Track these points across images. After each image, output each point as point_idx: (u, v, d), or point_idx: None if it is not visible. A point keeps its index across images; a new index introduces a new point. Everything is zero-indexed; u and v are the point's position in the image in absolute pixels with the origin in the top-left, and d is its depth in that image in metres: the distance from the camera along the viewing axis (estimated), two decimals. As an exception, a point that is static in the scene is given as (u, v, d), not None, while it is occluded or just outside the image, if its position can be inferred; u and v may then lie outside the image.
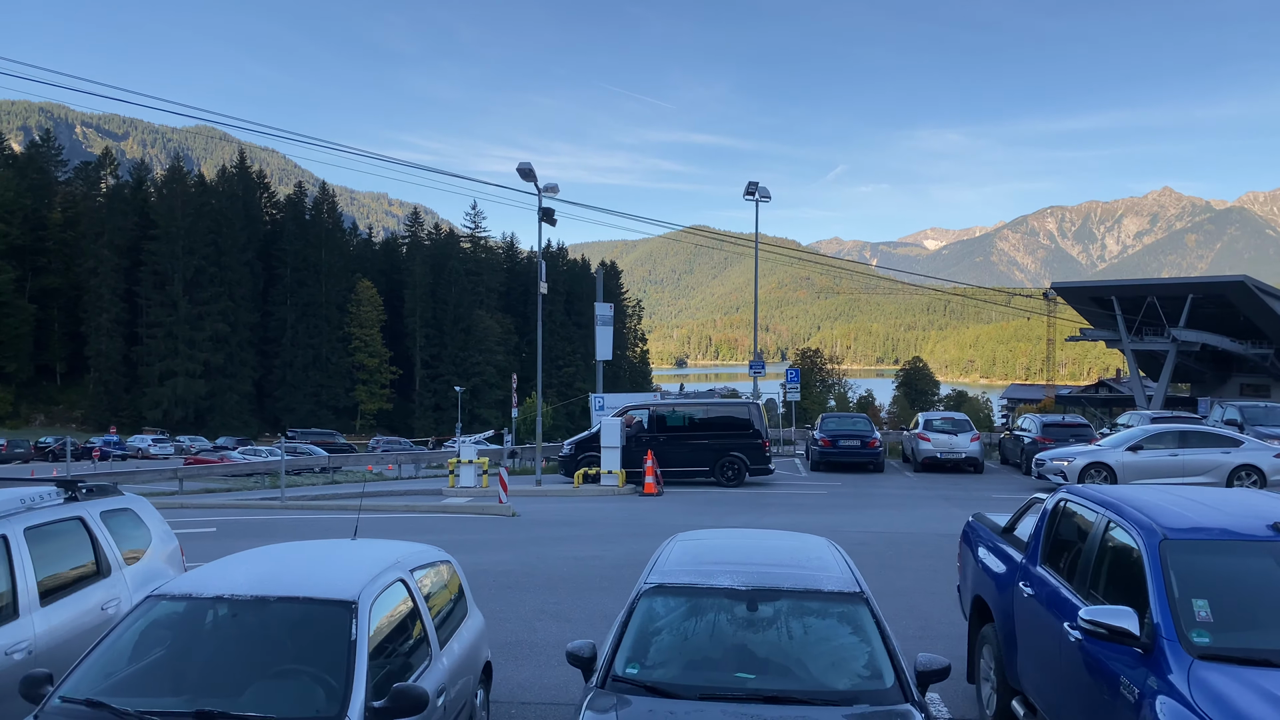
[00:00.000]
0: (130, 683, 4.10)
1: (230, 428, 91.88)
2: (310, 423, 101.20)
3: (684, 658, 4.45)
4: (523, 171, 23.50)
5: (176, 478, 27.56)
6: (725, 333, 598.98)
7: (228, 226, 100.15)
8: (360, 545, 5.50)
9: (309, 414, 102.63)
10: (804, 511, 18.48)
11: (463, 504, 20.63)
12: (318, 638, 4.25)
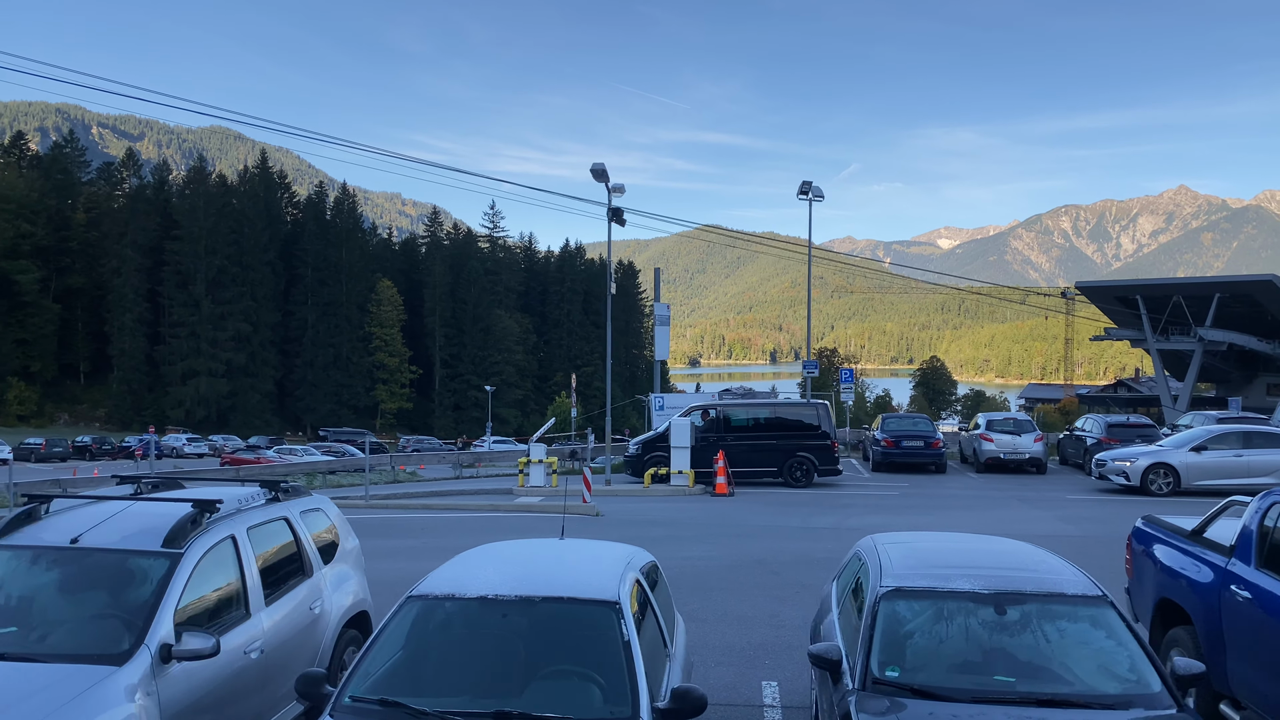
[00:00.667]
0: (414, 683, 4.15)
1: (252, 427, 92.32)
2: (331, 422, 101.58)
3: (941, 661, 4.47)
4: (596, 172, 23.81)
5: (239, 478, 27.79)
6: (738, 332, 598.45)
7: (249, 226, 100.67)
8: (580, 545, 5.54)
9: (329, 413, 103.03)
10: (889, 512, 18.44)
11: (536, 503, 20.72)
12: (588, 638, 4.30)
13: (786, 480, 23.60)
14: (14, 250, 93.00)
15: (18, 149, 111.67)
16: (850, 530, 15.93)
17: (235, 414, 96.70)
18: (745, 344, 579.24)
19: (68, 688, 4.19)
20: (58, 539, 5.16)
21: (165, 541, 5.12)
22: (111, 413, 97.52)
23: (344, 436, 62.95)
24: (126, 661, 4.47)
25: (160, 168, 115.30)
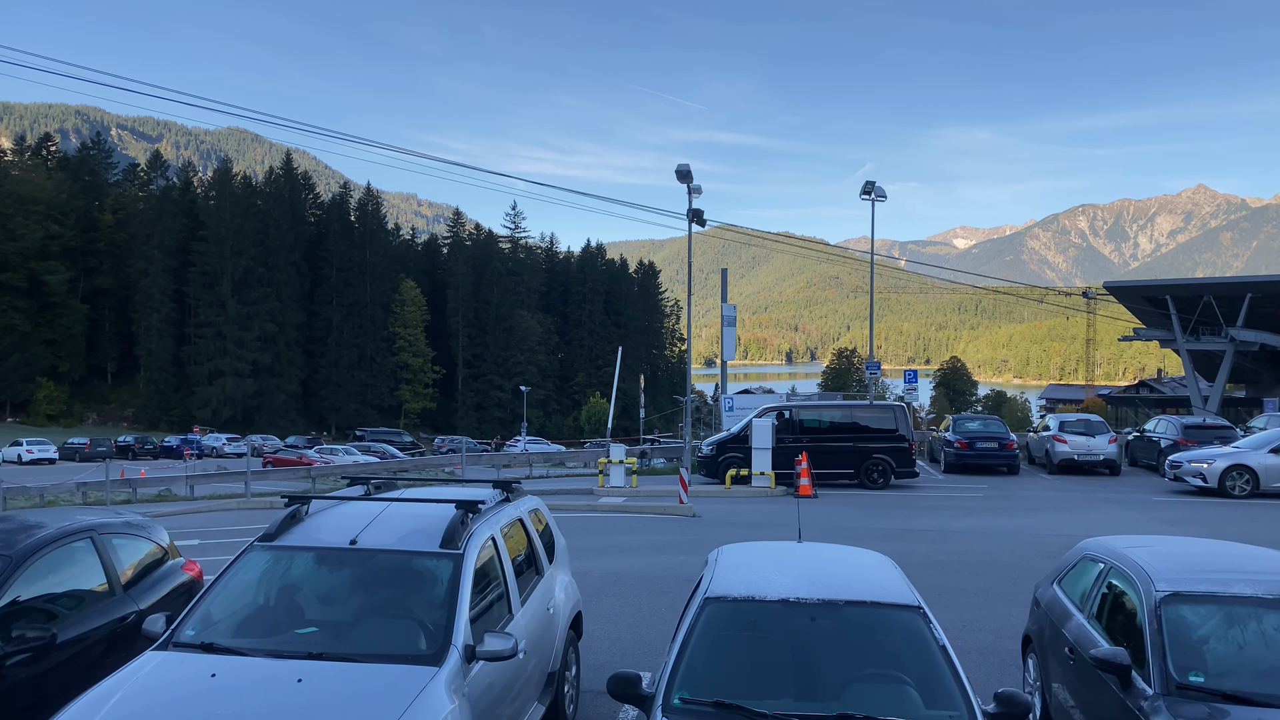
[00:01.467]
0: (735, 685, 4.17)
1: (278, 427, 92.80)
2: (355, 422, 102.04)
3: (1246, 667, 4.48)
4: (681, 173, 23.96)
5: (310, 478, 28.16)
6: (755, 332, 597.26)
7: (275, 227, 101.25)
8: (832, 549, 5.60)
9: (354, 413, 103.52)
10: (986, 514, 18.34)
11: (621, 503, 20.78)
12: (899, 642, 4.33)
13: (862, 482, 23.52)
14: (43, 251, 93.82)
15: (45, 151, 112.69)
16: (956, 532, 15.78)
17: (261, 414, 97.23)
18: (761, 344, 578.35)
19: (405, 687, 4.23)
20: (336, 540, 5.20)
21: (443, 542, 5.15)
22: (139, 412, 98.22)
23: (380, 436, 63.16)
24: (443, 662, 4.50)
25: (185, 169, 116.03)
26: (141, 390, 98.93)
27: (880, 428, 24.11)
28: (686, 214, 24.60)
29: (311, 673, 4.32)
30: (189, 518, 22.27)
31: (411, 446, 58.67)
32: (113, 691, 4.19)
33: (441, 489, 6.80)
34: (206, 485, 32.11)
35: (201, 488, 31.51)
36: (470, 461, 36.61)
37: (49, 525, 5.83)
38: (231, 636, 4.71)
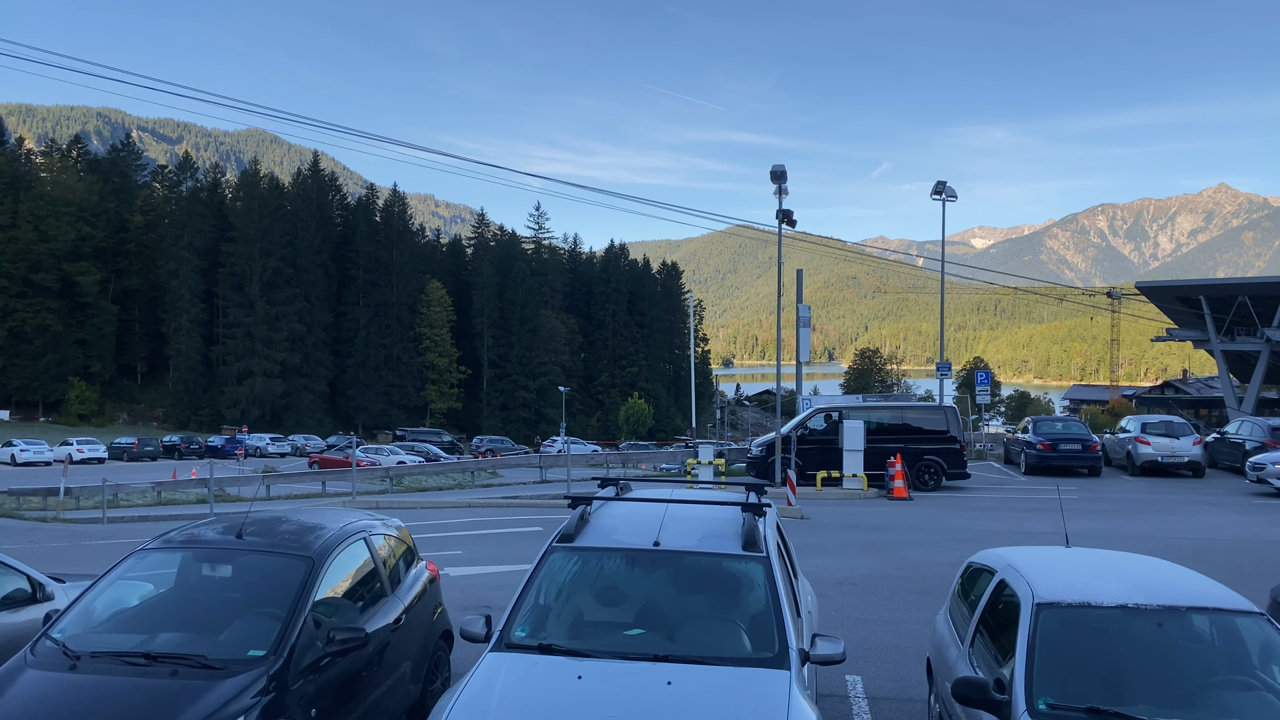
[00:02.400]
0: (1094, 690, 4.21)
1: (305, 427, 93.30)
2: (382, 422, 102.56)
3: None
4: (775, 174, 24.02)
5: (388, 477, 28.48)
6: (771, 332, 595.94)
7: (303, 228, 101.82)
8: (1115, 553, 5.74)
9: (381, 413, 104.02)
10: (1090, 516, 18.18)
11: None
12: (1248, 649, 4.38)
13: (914, 483, 23.44)
14: (75, 252, 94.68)
15: (75, 153, 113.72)
16: (1076, 535, 15.63)
17: (289, 414, 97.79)
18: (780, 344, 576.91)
19: (771, 690, 4.23)
20: (638, 541, 5.21)
21: (745, 545, 5.15)
22: (168, 412, 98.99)
23: (419, 436, 63.33)
24: (788, 665, 4.49)
25: (213, 170, 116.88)
26: (171, 390, 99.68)
27: (931, 429, 24.15)
28: (776, 215, 24.61)
29: (674, 675, 4.33)
30: None
31: (451, 447, 58.85)
32: (485, 693, 4.21)
33: (693, 491, 6.77)
34: (284, 485, 32.58)
35: (276, 487, 32.05)
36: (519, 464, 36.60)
37: (330, 526, 5.91)
38: (566, 638, 4.74)
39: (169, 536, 5.67)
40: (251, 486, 29.85)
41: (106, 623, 5.07)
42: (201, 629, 4.93)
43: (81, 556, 16.45)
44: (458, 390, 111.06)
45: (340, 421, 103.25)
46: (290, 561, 5.26)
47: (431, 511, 21.82)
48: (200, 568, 5.35)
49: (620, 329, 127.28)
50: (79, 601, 5.17)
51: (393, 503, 24.20)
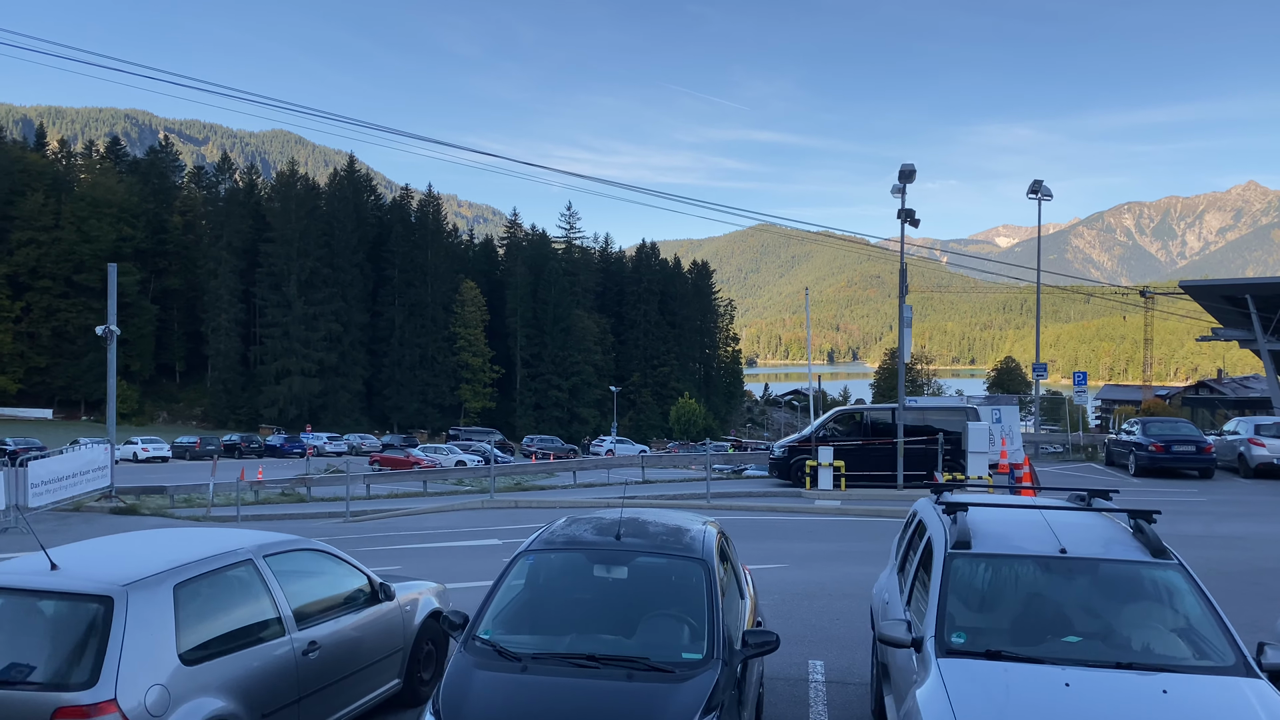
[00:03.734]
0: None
1: (342, 426, 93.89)
2: (417, 421, 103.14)
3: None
4: (905, 173, 24.07)
5: (490, 475, 28.76)
6: (795, 332, 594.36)
7: (339, 229, 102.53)
8: None
9: (416, 412, 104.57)
10: (1239, 520, 18.07)
11: (838, 506, 20.80)
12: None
13: None
14: (116, 253, 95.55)
15: (101, 150, 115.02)
16: (1228, 539, 15.49)
17: (326, 413, 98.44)
18: (802, 344, 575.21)
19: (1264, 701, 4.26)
20: (1042, 548, 5.23)
21: (1153, 553, 5.16)
22: (207, 411, 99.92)
23: (472, 436, 63.52)
24: (1251, 673, 4.51)
25: (249, 171, 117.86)
26: (209, 389, 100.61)
27: (952, 430, 24.59)
28: (898, 214, 24.49)
29: (1166, 684, 4.35)
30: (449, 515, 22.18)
31: (503, 446, 58.98)
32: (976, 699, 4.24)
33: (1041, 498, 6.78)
34: (383, 484, 33.05)
35: (376, 486, 32.57)
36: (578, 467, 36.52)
37: (692, 528, 6.00)
38: (1011, 644, 4.75)
39: (549, 539, 5.71)
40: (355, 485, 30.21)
41: (523, 625, 5.11)
42: (618, 631, 4.99)
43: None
44: (491, 389, 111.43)
45: (376, 421, 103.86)
46: (688, 564, 5.31)
47: (569, 511, 21.49)
48: (593, 570, 5.40)
49: (652, 329, 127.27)
50: (489, 605, 5.21)
51: (531, 501, 23.88)
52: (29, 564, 5.27)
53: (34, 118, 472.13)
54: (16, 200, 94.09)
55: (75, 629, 4.68)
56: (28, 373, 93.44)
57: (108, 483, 24.56)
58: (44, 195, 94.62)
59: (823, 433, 25.86)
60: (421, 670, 7.25)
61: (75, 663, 4.54)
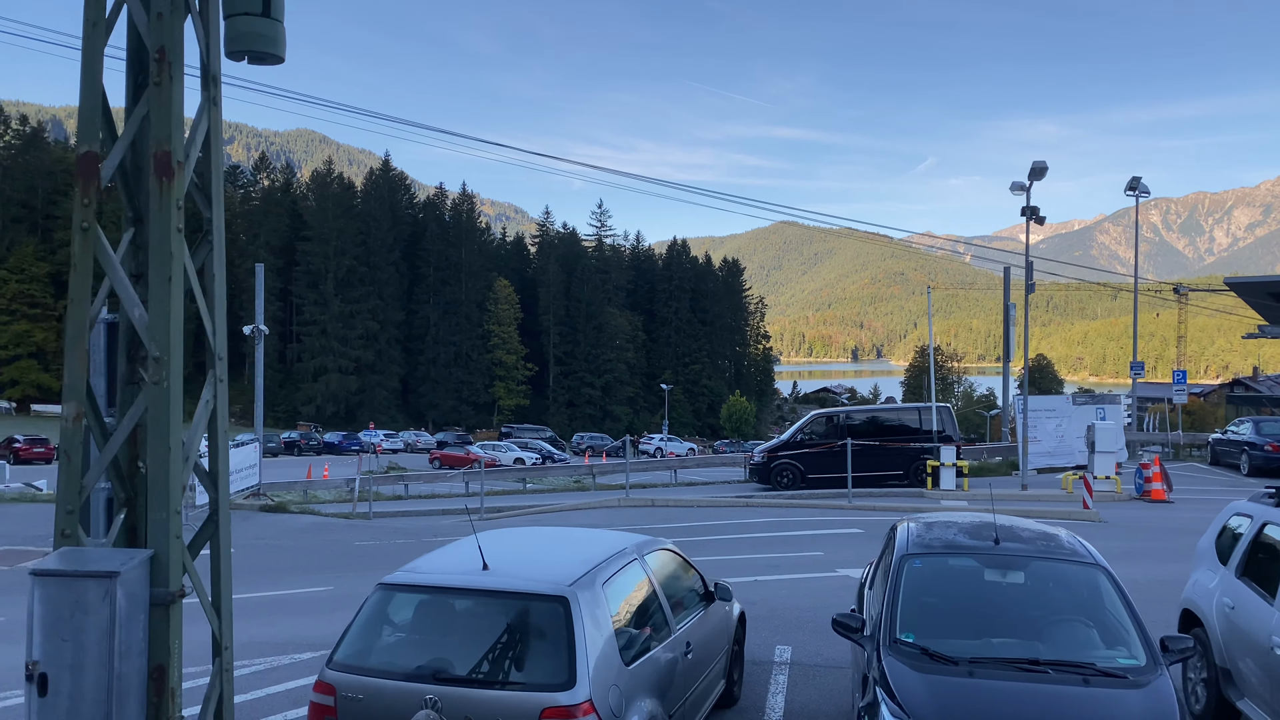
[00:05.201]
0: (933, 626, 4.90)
1: (379, 423, 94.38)
2: (452, 419, 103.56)
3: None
4: (1037, 170, 24.06)
5: (591, 473, 29.08)
6: (819, 329, 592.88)
7: (375, 227, 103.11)
8: None
9: (451, 410, 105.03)
10: None
11: (965, 506, 20.90)
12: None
13: (912, 482, 24.22)
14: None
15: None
16: None
17: (363, 410, 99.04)
18: (826, 341, 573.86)
19: None
20: None
21: None
22: (245, 408, 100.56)
23: (524, 434, 63.74)
24: None
25: (285, 169, 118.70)
26: (247, 387, 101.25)
27: (927, 429, 25.02)
28: (1022, 211, 24.38)
29: None
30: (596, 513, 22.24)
31: (554, 443, 59.17)
32: None
33: None
34: (474, 482, 33.08)
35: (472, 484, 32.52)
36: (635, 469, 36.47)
37: (1061, 533, 6.05)
38: None
39: (925, 543, 5.78)
40: (454, 483, 30.65)
41: (933, 629, 5.14)
42: (1026, 636, 5.03)
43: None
44: (525, 387, 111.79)
45: (411, 418, 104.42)
46: (1088, 570, 5.36)
47: (711, 511, 21.61)
48: (983, 574, 5.44)
49: (683, 326, 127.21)
50: (896, 608, 5.27)
51: (668, 500, 23.86)
52: (458, 564, 5.34)
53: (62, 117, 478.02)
54: (59, 200, 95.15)
55: (540, 630, 4.74)
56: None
57: (256, 481, 24.86)
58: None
59: (800, 437, 26.20)
60: (733, 669, 7.35)
61: (549, 664, 4.60)
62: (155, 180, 4.36)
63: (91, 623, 3.87)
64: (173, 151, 4.35)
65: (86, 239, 4.39)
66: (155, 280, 4.34)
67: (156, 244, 4.34)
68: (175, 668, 4.16)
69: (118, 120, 4.59)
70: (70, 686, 3.86)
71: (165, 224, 4.37)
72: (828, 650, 8.85)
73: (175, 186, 4.38)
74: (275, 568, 16.14)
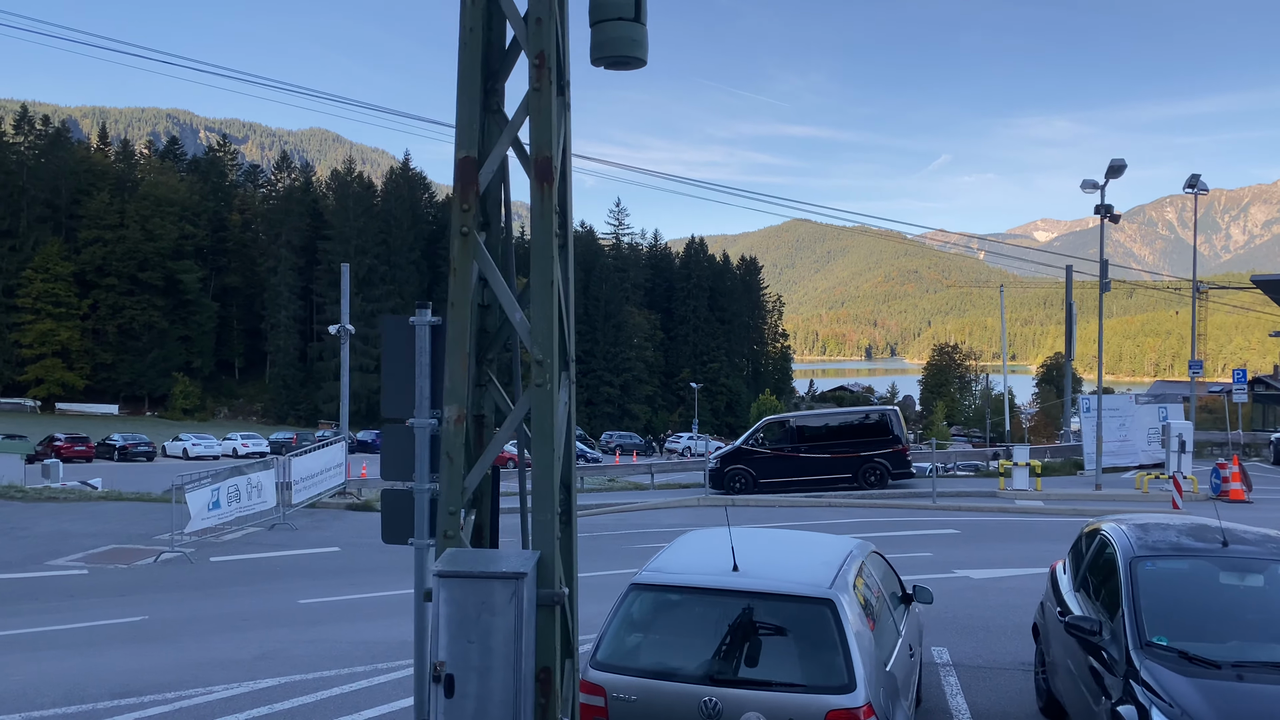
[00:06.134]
0: None
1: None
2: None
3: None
4: (1116, 168, 24.16)
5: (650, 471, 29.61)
6: (832, 328, 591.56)
7: (396, 226, 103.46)
8: None
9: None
10: None
11: (1041, 505, 20.93)
12: None
13: (861, 485, 24.73)
14: (178, 251, 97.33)
15: (172, 153, 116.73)
16: None
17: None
18: (839, 340, 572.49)
19: None
20: None
21: None
22: (267, 407, 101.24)
23: None
24: None
25: (304, 169, 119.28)
26: (269, 385, 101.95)
27: (876, 433, 25.55)
28: (1096, 209, 24.41)
29: None
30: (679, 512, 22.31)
31: (584, 441, 59.27)
32: None
33: None
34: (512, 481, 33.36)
35: None
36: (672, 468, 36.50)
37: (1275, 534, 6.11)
38: None
39: (1150, 545, 5.80)
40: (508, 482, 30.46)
41: (1179, 630, 5.17)
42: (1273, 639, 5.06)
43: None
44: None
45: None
46: None
47: (792, 511, 21.67)
48: (1218, 576, 5.48)
49: (701, 324, 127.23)
50: (1139, 610, 5.31)
51: (748, 500, 23.85)
52: (704, 564, 5.40)
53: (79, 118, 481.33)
54: (83, 200, 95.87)
55: (808, 632, 4.77)
56: (94, 369, 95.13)
57: (343, 480, 25.04)
58: (109, 194, 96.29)
59: (753, 442, 26.57)
60: None
61: (824, 666, 4.63)
62: (536, 185, 4.41)
63: (499, 624, 3.91)
64: (552, 157, 4.40)
65: (466, 244, 4.49)
66: (536, 284, 4.42)
67: (537, 249, 4.42)
68: (557, 671, 4.22)
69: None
70: (477, 688, 3.90)
71: (546, 229, 4.42)
72: (985, 652, 8.97)
73: (554, 192, 4.41)
74: (388, 568, 15.76)
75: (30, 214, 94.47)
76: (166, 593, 13.57)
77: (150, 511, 20.51)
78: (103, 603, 12.84)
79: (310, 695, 8.04)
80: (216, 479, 17.46)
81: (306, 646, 9.84)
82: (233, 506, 17.97)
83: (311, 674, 8.70)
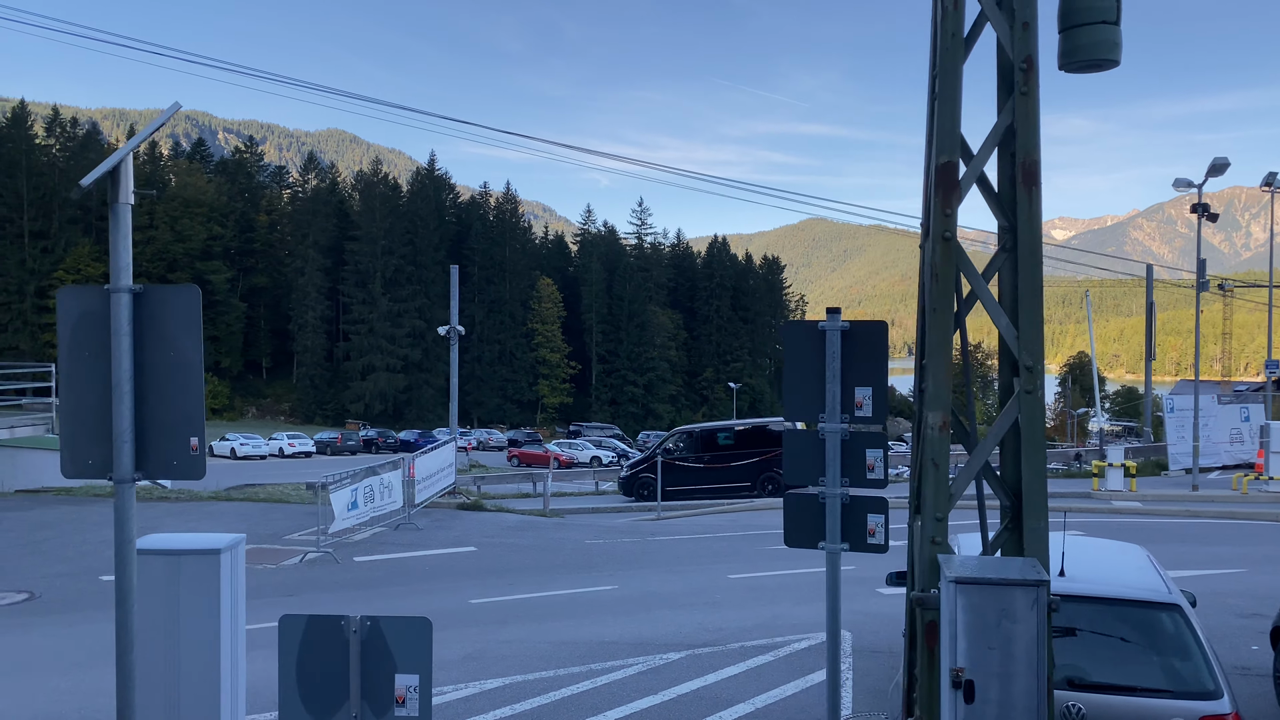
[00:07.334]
0: None
1: (426, 421, 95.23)
2: (497, 417, 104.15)
3: None
4: (1218, 167, 24.03)
5: None
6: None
7: (422, 226, 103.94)
8: None
9: (496, 408, 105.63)
10: None
11: (1140, 506, 21.01)
12: None
13: (760, 493, 25.03)
14: (206, 252, 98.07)
15: (199, 154, 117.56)
16: None
17: (410, 408, 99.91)
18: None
19: None
20: None
21: None
22: (295, 407, 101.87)
23: (593, 431, 64.14)
24: None
25: (330, 169, 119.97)
26: (296, 385, 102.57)
27: (778, 443, 25.59)
28: (1194, 209, 24.42)
29: None
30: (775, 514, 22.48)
31: (621, 439, 59.52)
32: None
33: None
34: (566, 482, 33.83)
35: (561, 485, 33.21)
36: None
37: None
38: None
39: None
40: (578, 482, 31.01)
41: None
42: None
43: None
44: (568, 385, 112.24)
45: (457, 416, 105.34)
46: None
47: None
48: None
49: (724, 324, 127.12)
50: None
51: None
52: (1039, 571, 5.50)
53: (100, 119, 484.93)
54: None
55: (1160, 638, 4.79)
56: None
57: (453, 480, 25.26)
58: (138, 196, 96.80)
59: (661, 452, 26.82)
60: None
61: (1185, 672, 4.65)
62: (1024, 190, 4.42)
63: (1020, 631, 3.93)
64: (1038, 160, 4.42)
65: (948, 249, 4.50)
66: (1025, 291, 4.41)
67: (1025, 254, 4.40)
68: None
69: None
70: (998, 694, 3.93)
71: (1032, 234, 4.41)
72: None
73: (1038, 195, 4.42)
74: (533, 567, 15.69)
75: (62, 215, 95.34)
76: (329, 593, 13.40)
77: (269, 512, 20.31)
78: (281, 602, 12.42)
79: (543, 697, 8.13)
80: (355, 479, 17.37)
81: (505, 647, 9.85)
82: (368, 507, 17.95)
83: (531, 675, 8.76)
